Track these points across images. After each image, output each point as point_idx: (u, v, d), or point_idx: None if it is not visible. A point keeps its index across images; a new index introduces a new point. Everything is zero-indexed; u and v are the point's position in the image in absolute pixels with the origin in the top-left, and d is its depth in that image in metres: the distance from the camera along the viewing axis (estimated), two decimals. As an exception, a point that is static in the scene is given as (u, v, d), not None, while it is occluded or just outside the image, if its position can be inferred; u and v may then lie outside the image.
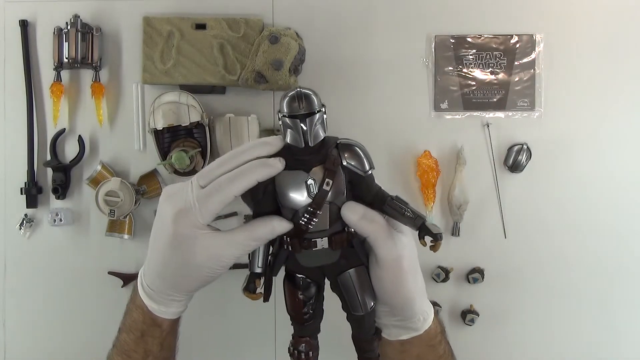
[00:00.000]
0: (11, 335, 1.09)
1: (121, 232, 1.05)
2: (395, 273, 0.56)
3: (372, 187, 0.58)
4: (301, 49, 1.03)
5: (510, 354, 1.08)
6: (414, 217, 0.55)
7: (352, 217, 0.55)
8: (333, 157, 0.55)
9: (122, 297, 1.07)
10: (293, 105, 0.54)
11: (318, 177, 0.54)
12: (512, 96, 1.07)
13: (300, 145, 0.54)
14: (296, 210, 0.55)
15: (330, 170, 0.54)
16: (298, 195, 0.54)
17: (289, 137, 0.54)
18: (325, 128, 0.56)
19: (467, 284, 1.06)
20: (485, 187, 1.07)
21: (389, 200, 0.57)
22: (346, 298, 0.58)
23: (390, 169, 1.07)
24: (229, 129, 1.03)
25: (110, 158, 1.08)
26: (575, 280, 1.07)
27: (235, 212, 1.07)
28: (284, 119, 0.54)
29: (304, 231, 0.55)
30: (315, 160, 0.55)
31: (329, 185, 0.54)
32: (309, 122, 0.54)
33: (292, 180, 0.55)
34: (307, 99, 0.54)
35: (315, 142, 0.54)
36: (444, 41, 1.07)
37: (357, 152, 0.57)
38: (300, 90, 0.55)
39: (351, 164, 0.56)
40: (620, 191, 1.07)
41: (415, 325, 0.60)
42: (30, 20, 1.07)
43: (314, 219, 0.54)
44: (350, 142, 0.58)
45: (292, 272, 0.59)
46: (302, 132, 0.53)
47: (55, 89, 1.05)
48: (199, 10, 1.06)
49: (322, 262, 0.58)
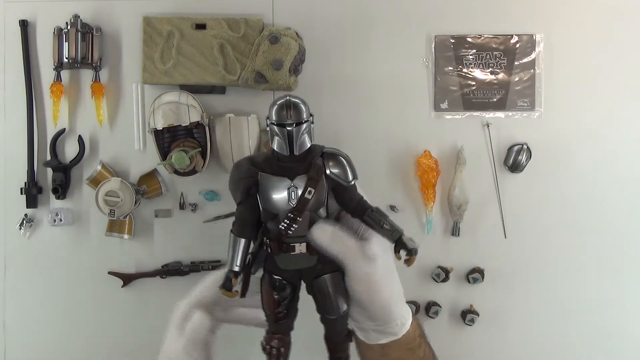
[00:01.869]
0: (11, 335, 1.09)
1: (121, 232, 1.05)
2: (368, 286, 0.57)
3: (354, 196, 0.60)
4: (301, 49, 1.04)
5: (510, 354, 1.08)
6: (391, 231, 0.58)
7: (322, 238, 0.56)
8: (317, 166, 0.56)
9: (122, 297, 1.07)
10: (281, 114, 0.55)
11: (301, 184, 0.56)
12: (512, 96, 1.07)
13: (285, 153, 0.55)
14: (277, 214, 0.57)
15: (313, 179, 0.56)
16: (280, 200, 0.56)
17: (275, 144, 0.56)
18: (311, 137, 0.57)
19: (467, 284, 1.07)
20: (485, 187, 1.07)
21: (369, 211, 0.59)
22: (320, 301, 0.60)
23: (390, 169, 1.07)
24: (229, 129, 1.03)
25: (110, 158, 1.08)
26: (576, 280, 1.07)
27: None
28: (272, 126, 0.56)
29: (283, 235, 0.57)
30: (299, 168, 0.57)
31: (310, 193, 0.55)
32: (295, 132, 0.55)
33: (275, 185, 0.56)
34: (295, 109, 0.55)
35: (300, 151, 0.56)
36: (444, 41, 1.07)
37: (342, 162, 0.59)
38: (289, 98, 0.56)
39: (335, 173, 0.58)
40: (621, 191, 1.07)
41: (393, 329, 0.61)
42: (30, 20, 1.07)
43: (294, 225, 0.56)
44: (335, 152, 0.60)
45: (269, 272, 0.60)
46: (288, 141, 0.55)
47: (55, 89, 1.05)
48: (199, 10, 1.06)
49: (300, 265, 0.59)
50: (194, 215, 1.07)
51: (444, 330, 1.07)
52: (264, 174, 0.57)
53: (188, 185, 1.07)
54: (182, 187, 1.07)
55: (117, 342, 1.08)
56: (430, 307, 1.05)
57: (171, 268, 1.06)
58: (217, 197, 1.06)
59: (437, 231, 1.07)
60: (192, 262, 1.07)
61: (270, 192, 0.57)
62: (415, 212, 1.07)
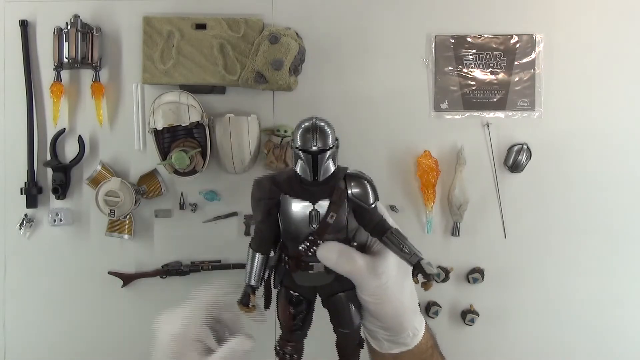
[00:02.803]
0: (11, 335, 1.09)
1: (121, 232, 1.05)
2: (381, 299, 0.57)
3: (374, 218, 0.60)
4: (301, 49, 1.04)
5: (510, 354, 1.08)
6: (410, 255, 0.57)
7: (329, 258, 0.56)
8: (340, 191, 0.56)
9: (122, 297, 1.07)
10: (307, 138, 0.54)
11: (323, 208, 0.56)
12: (512, 96, 1.07)
13: (309, 179, 0.55)
14: (297, 235, 0.57)
15: (336, 204, 0.56)
16: (301, 223, 0.56)
17: (299, 167, 0.55)
18: (336, 162, 0.56)
19: (467, 284, 1.07)
20: (485, 187, 1.07)
21: (389, 233, 0.59)
22: (335, 316, 0.61)
23: (390, 169, 1.07)
24: (229, 129, 1.03)
25: (110, 158, 1.08)
26: (575, 280, 1.07)
27: (236, 212, 1.07)
28: (297, 150, 0.55)
29: (302, 255, 0.57)
30: (322, 192, 0.56)
31: (332, 218, 0.55)
32: (320, 159, 0.54)
33: (297, 208, 0.56)
34: (321, 134, 0.54)
35: (324, 177, 0.55)
36: (444, 41, 1.07)
37: (364, 185, 0.58)
38: (315, 122, 0.55)
39: (356, 196, 0.57)
40: (621, 191, 1.07)
41: (405, 340, 0.61)
42: (30, 20, 1.07)
43: (314, 247, 0.56)
44: (358, 175, 0.59)
45: (286, 287, 0.61)
46: (313, 168, 0.54)
47: (55, 89, 1.05)
48: (199, 10, 1.06)
49: (317, 283, 0.60)
50: (194, 215, 1.07)
51: (444, 330, 1.07)
52: (285, 196, 0.57)
53: (188, 185, 1.07)
54: (182, 187, 1.07)
55: (117, 342, 1.08)
56: (430, 307, 1.05)
57: (171, 268, 1.06)
58: (217, 197, 1.06)
59: (437, 231, 1.07)
60: (192, 262, 1.07)
61: (291, 215, 0.57)
62: (415, 212, 1.07)
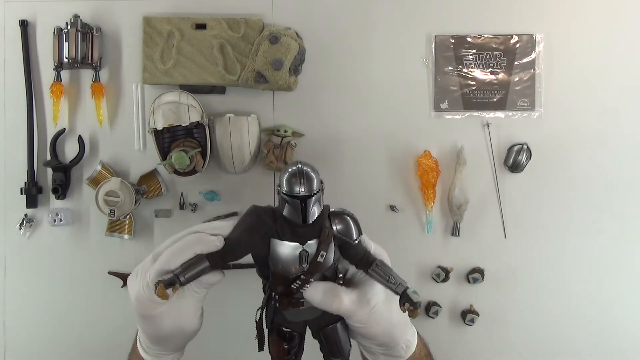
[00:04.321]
0: (11, 335, 1.09)
1: (121, 232, 1.05)
2: (369, 324, 0.60)
3: (359, 251, 0.61)
4: (301, 49, 1.04)
5: (510, 354, 1.08)
6: (396, 285, 0.59)
7: (315, 298, 0.58)
8: (327, 230, 0.58)
9: (122, 297, 1.07)
10: (293, 183, 0.56)
11: (312, 248, 0.57)
12: (512, 96, 1.07)
13: (298, 222, 0.56)
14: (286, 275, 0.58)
15: (325, 243, 0.57)
16: (291, 263, 0.57)
17: (286, 211, 0.56)
18: (321, 204, 0.58)
19: (467, 284, 1.07)
20: (485, 187, 1.07)
21: (374, 265, 0.60)
22: (327, 347, 0.62)
23: (390, 169, 1.07)
24: (229, 129, 1.03)
25: (110, 158, 1.08)
26: (575, 280, 1.07)
27: (236, 212, 1.07)
28: (283, 195, 0.56)
29: (293, 293, 0.58)
30: (310, 232, 0.58)
31: (322, 257, 0.57)
32: (307, 204, 0.56)
33: (287, 251, 0.57)
34: (307, 180, 0.56)
35: (312, 220, 0.56)
36: (444, 41, 1.07)
37: (348, 222, 0.60)
38: (301, 167, 0.56)
39: (341, 233, 0.59)
40: (620, 191, 1.07)
41: (399, 353, 0.63)
42: (30, 20, 1.07)
43: (306, 286, 0.58)
44: (341, 212, 0.61)
45: (278, 325, 0.62)
46: (301, 213, 0.56)
47: (55, 89, 1.05)
48: (199, 10, 1.06)
49: (308, 317, 0.61)
50: (194, 215, 1.07)
51: (444, 330, 1.07)
52: (275, 242, 0.58)
53: (188, 185, 1.07)
54: (182, 187, 1.07)
55: (117, 342, 1.08)
56: (430, 307, 1.06)
57: (171, 268, 1.06)
58: (217, 197, 1.06)
59: (437, 231, 1.07)
60: (192, 262, 1.06)
61: (281, 256, 0.59)
62: (415, 212, 1.07)
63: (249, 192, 1.07)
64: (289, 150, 1.04)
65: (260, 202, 1.06)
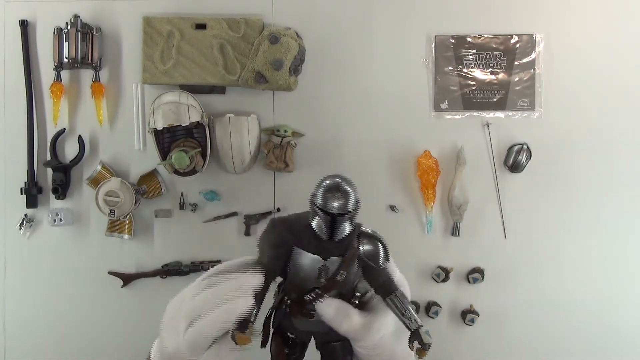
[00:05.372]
0: (11, 335, 1.09)
1: (121, 232, 1.05)
2: (374, 352, 0.59)
3: (381, 277, 0.59)
4: (301, 49, 1.03)
5: (510, 354, 1.08)
6: (410, 321, 0.57)
7: (327, 314, 0.57)
8: (353, 250, 0.56)
9: (122, 297, 1.07)
10: (328, 198, 0.53)
11: (333, 265, 0.55)
12: (512, 96, 1.07)
13: (324, 238, 0.54)
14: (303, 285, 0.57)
15: (347, 263, 0.55)
16: (309, 275, 0.56)
17: (315, 223, 0.55)
18: (353, 223, 0.55)
19: (467, 284, 1.07)
20: (485, 187, 1.07)
21: (393, 295, 0.58)
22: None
23: (390, 169, 1.07)
24: (229, 129, 1.03)
25: (110, 158, 1.08)
26: (575, 280, 1.07)
27: (236, 212, 1.07)
28: (316, 207, 0.54)
29: (306, 303, 0.57)
30: (335, 248, 0.56)
31: (342, 276, 0.55)
32: (338, 222, 0.54)
33: (307, 262, 0.56)
34: (344, 197, 0.53)
35: (340, 238, 0.54)
36: (444, 41, 1.07)
37: (377, 246, 0.58)
38: (340, 182, 0.54)
39: (367, 256, 0.57)
40: (620, 190, 1.07)
41: None
42: (30, 20, 1.07)
43: (319, 300, 0.56)
44: (372, 235, 0.58)
45: (284, 328, 0.61)
46: (329, 230, 0.54)
47: (55, 89, 1.05)
48: (199, 10, 1.06)
49: (315, 329, 0.60)
50: (194, 215, 1.07)
51: (444, 330, 1.07)
52: (298, 249, 0.57)
53: (188, 185, 1.07)
54: (182, 187, 1.07)
55: (117, 342, 1.08)
56: (430, 307, 1.05)
57: (171, 268, 1.06)
58: (217, 197, 1.06)
59: (437, 231, 1.07)
60: (192, 262, 1.07)
61: (301, 266, 0.57)
62: (415, 212, 1.07)
63: (249, 192, 1.07)
64: (289, 150, 1.04)
65: (260, 201, 1.07)
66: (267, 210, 1.07)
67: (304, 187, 1.07)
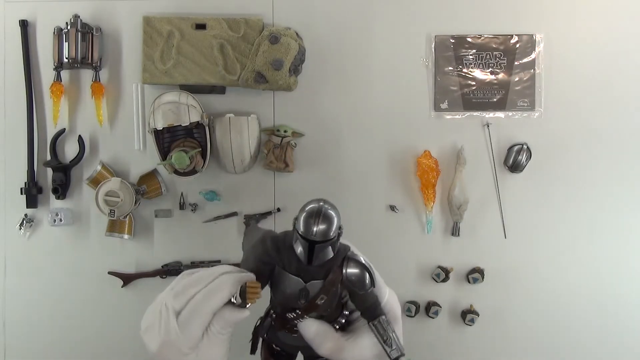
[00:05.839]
0: (11, 335, 1.09)
1: (121, 232, 1.05)
2: None
3: (367, 301, 0.60)
4: (301, 49, 1.04)
5: (510, 354, 1.08)
6: (391, 349, 0.58)
7: (306, 334, 0.58)
8: (335, 275, 0.56)
9: (122, 297, 1.07)
10: (309, 224, 0.54)
11: (314, 287, 0.56)
12: (512, 96, 1.07)
13: (304, 262, 0.55)
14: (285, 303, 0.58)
15: (327, 288, 0.56)
16: (290, 296, 0.57)
17: (295, 246, 0.56)
18: (335, 248, 0.56)
19: (467, 284, 1.06)
20: (485, 187, 1.07)
21: (377, 321, 0.59)
22: None
23: (390, 169, 1.07)
24: (229, 129, 1.03)
25: (110, 158, 1.08)
26: (575, 280, 1.07)
27: (236, 212, 1.07)
28: (296, 232, 0.55)
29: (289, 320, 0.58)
30: (316, 273, 0.57)
31: (322, 300, 0.56)
32: (317, 249, 0.54)
33: (289, 282, 0.57)
34: (325, 223, 0.54)
35: (319, 263, 0.55)
36: (444, 41, 1.07)
37: (362, 271, 0.58)
38: (322, 208, 0.55)
39: (351, 282, 0.57)
40: (620, 191, 1.07)
41: None
42: (30, 20, 1.07)
43: (300, 320, 0.57)
44: (357, 260, 0.59)
45: (270, 340, 0.63)
46: (307, 255, 0.55)
47: (55, 89, 1.05)
48: (199, 10, 1.06)
49: (300, 343, 0.61)
50: (194, 215, 1.07)
51: (444, 330, 1.07)
52: (280, 270, 0.57)
53: (188, 185, 1.07)
54: (182, 187, 1.07)
55: (116, 341, 1.08)
56: (430, 307, 1.05)
57: (171, 268, 1.06)
58: (217, 197, 1.06)
59: (437, 231, 1.07)
60: (192, 262, 1.07)
61: (282, 286, 0.58)
62: (415, 212, 1.07)
63: (249, 192, 1.07)
64: (289, 150, 1.04)
65: (260, 201, 1.07)
66: (267, 210, 1.07)
67: (304, 187, 1.07)
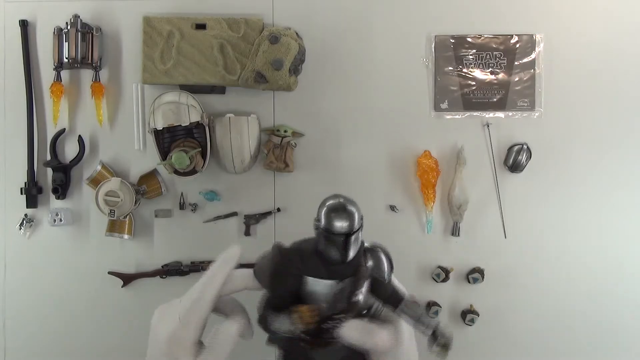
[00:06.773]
0: (11, 335, 1.09)
1: (121, 232, 1.05)
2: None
3: (389, 288, 0.59)
4: (301, 49, 1.04)
5: (510, 354, 1.08)
6: (426, 325, 0.57)
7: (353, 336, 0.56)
8: (363, 268, 0.55)
9: (122, 297, 1.07)
10: (333, 218, 0.53)
11: (348, 287, 0.55)
12: (512, 96, 1.07)
13: (336, 260, 0.53)
14: None
15: (361, 282, 0.55)
16: (324, 302, 0.55)
17: (323, 247, 0.54)
18: (359, 241, 0.55)
19: (467, 284, 1.07)
20: (485, 187, 1.07)
21: (403, 304, 0.58)
22: None
23: (390, 169, 1.07)
24: (229, 129, 1.03)
25: (110, 158, 1.08)
26: (575, 280, 1.07)
27: (236, 212, 1.07)
28: (323, 232, 0.53)
29: (323, 333, 0.56)
30: (347, 270, 0.55)
31: (358, 296, 0.55)
32: (348, 242, 0.53)
33: (321, 288, 0.55)
34: (349, 217, 0.53)
35: (352, 257, 0.54)
36: (444, 41, 1.07)
37: (381, 259, 0.58)
38: (343, 203, 0.53)
39: (375, 271, 0.57)
40: (620, 191, 1.07)
41: None
42: (30, 20, 1.07)
43: (339, 325, 0.55)
44: (375, 249, 0.58)
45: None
46: (342, 252, 0.53)
47: (55, 89, 1.05)
48: (199, 10, 1.06)
49: (337, 357, 0.59)
50: (194, 215, 1.07)
51: (444, 330, 1.07)
52: (310, 278, 0.56)
53: (188, 185, 1.07)
54: (182, 187, 1.07)
55: (117, 342, 1.08)
56: (430, 307, 1.05)
57: (171, 268, 1.06)
58: (217, 197, 1.06)
59: (437, 231, 1.07)
60: (192, 262, 1.07)
61: (315, 295, 0.56)
62: (415, 212, 1.07)
63: (249, 192, 1.07)
64: (289, 150, 1.04)
65: (260, 201, 1.07)
66: (267, 210, 1.07)
67: (304, 187, 1.07)
